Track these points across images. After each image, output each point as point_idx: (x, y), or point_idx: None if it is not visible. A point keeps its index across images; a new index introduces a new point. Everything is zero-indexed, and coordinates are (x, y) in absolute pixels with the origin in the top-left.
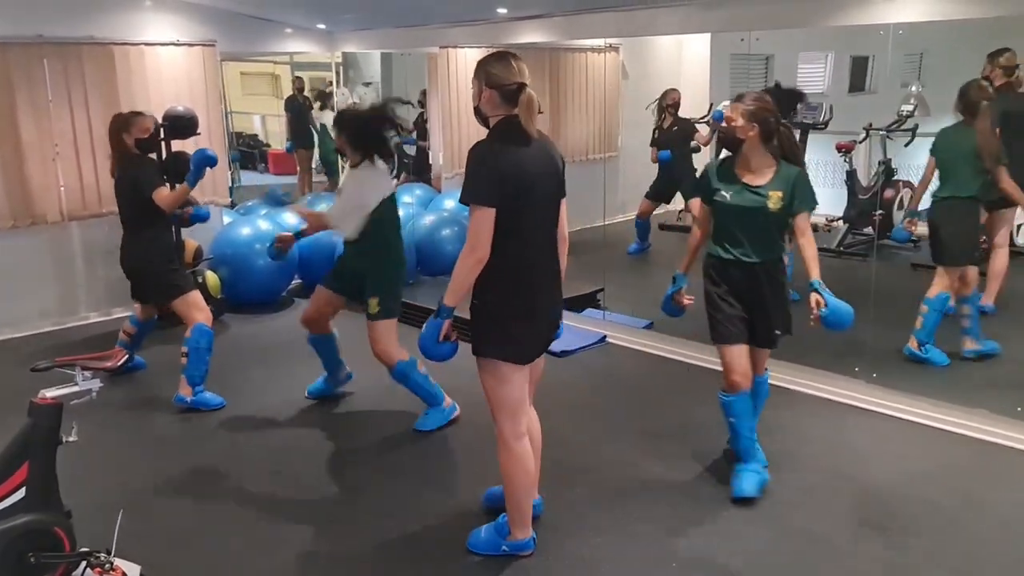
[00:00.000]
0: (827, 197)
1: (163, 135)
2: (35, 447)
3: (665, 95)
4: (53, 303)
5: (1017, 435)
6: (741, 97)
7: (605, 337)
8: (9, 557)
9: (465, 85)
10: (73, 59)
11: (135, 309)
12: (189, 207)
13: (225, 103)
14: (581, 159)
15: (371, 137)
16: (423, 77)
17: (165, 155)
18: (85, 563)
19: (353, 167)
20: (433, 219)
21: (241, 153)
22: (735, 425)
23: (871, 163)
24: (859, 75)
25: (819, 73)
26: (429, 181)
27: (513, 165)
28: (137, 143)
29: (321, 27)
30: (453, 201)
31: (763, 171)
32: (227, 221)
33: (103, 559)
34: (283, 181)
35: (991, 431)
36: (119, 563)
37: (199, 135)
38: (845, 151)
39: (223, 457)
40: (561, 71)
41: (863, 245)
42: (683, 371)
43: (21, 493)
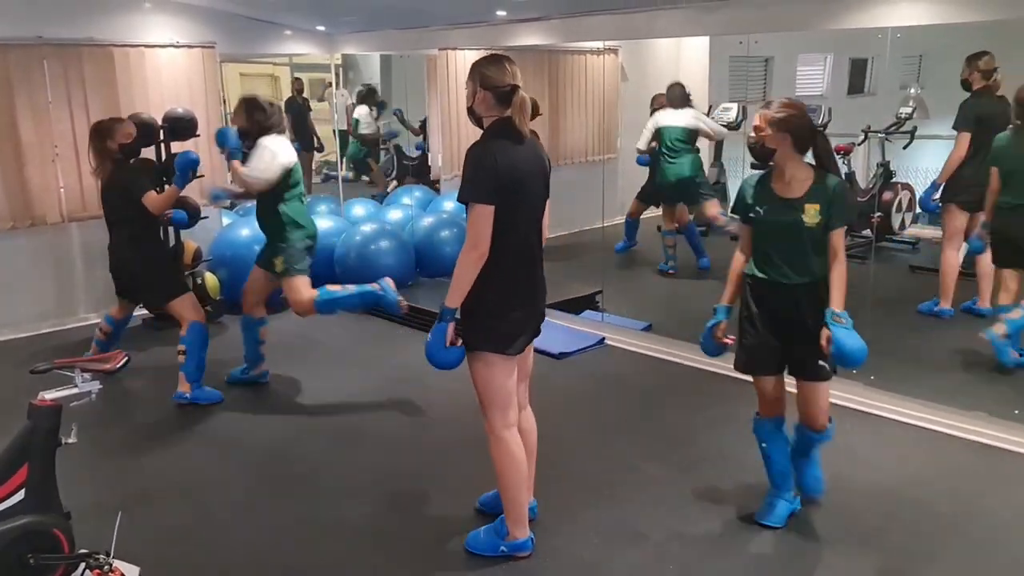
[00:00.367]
0: None
1: (163, 137)
2: (34, 449)
3: (655, 99)
4: (52, 304)
5: (1016, 438)
6: (769, 104)
7: (604, 339)
8: (8, 559)
9: (464, 87)
10: (73, 61)
11: (112, 308)
12: (170, 211)
13: (225, 105)
14: (580, 161)
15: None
16: (422, 79)
17: (164, 157)
18: (84, 564)
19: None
20: (432, 220)
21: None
22: (765, 450)
23: (870, 165)
24: (858, 77)
25: (818, 75)
26: (429, 183)
27: (508, 163)
28: (121, 148)
29: (321, 29)
30: (452, 203)
31: (799, 182)
32: (226, 223)
33: (102, 560)
34: None
35: (989, 434)
36: (118, 564)
37: (199, 136)
38: (844, 153)
39: (223, 459)
40: (560, 73)
41: (862, 247)
42: (682, 373)
43: (20, 495)
